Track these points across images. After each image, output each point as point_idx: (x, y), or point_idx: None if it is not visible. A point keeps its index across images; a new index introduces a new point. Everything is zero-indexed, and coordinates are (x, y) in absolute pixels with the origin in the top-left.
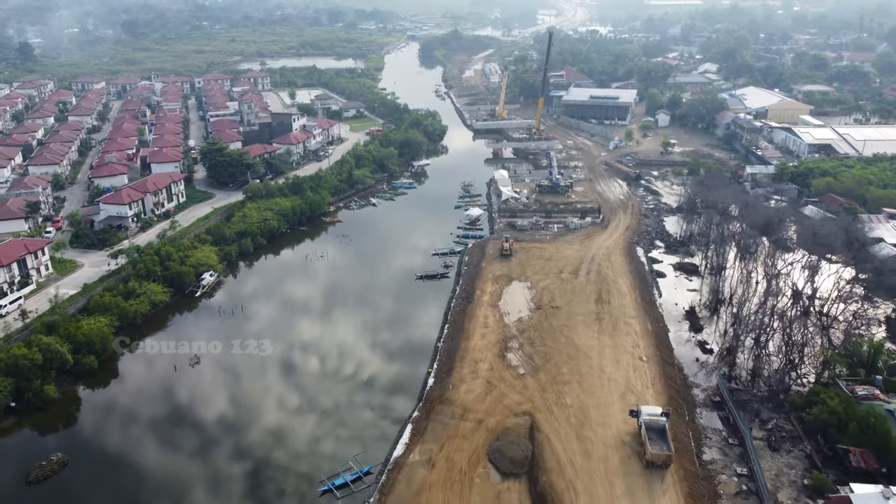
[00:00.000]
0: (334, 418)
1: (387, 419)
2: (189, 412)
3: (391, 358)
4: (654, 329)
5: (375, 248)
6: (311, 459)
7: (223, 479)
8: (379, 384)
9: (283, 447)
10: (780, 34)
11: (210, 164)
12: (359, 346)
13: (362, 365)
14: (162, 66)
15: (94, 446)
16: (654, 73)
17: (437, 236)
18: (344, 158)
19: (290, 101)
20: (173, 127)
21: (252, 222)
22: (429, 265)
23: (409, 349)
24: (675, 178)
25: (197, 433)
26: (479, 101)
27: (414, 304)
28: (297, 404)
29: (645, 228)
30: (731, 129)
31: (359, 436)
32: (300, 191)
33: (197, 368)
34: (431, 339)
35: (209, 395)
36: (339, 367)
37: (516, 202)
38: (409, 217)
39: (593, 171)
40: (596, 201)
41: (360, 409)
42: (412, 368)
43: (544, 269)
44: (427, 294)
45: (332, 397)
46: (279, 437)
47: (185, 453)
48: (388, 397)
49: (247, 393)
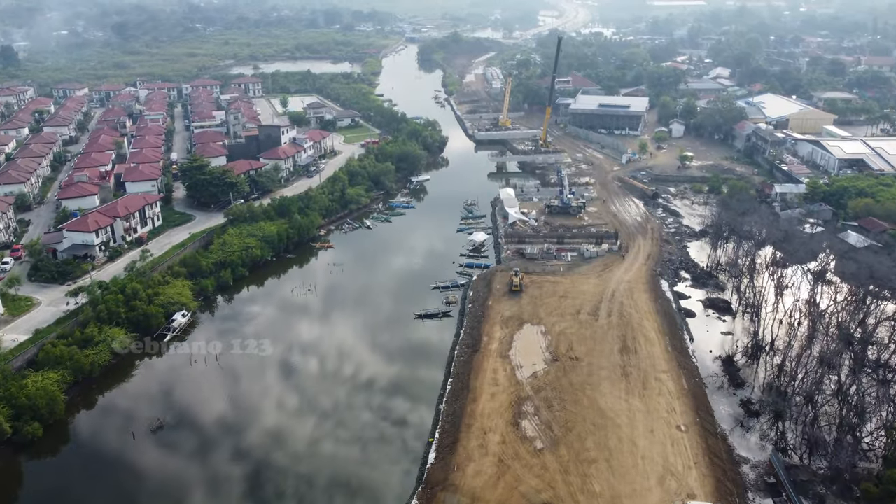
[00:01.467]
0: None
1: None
2: (148, 493)
3: (385, 417)
4: (689, 387)
5: (369, 278)
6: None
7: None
8: (371, 454)
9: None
10: (792, 36)
11: (190, 183)
12: (349, 405)
13: (352, 426)
14: (151, 70)
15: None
16: (665, 79)
17: (438, 264)
18: (336, 175)
19: (281, 108)
20: (154, 140)
21: (233, 251)
22: (429, 301)
23: (406, 409)
24: (696, 196)
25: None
26: (480, 108)
27: (412, 351)
28: (275, 479)
29: (668, 257)
30: (752, 141)
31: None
32: (287, 213)
33: (160, 435)
34: (432, 398)
35: (172, 471)
36: (326, 429)
37: (524, 225)
38: (407, 242)
39: (606, 188)
40: (612, 224)
41: (347, 494)
42: (410, 435)
43: (559, 308)
44: (427, 338)
45: (316, 466)
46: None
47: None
48: (380, 472)
49: (221, 470)
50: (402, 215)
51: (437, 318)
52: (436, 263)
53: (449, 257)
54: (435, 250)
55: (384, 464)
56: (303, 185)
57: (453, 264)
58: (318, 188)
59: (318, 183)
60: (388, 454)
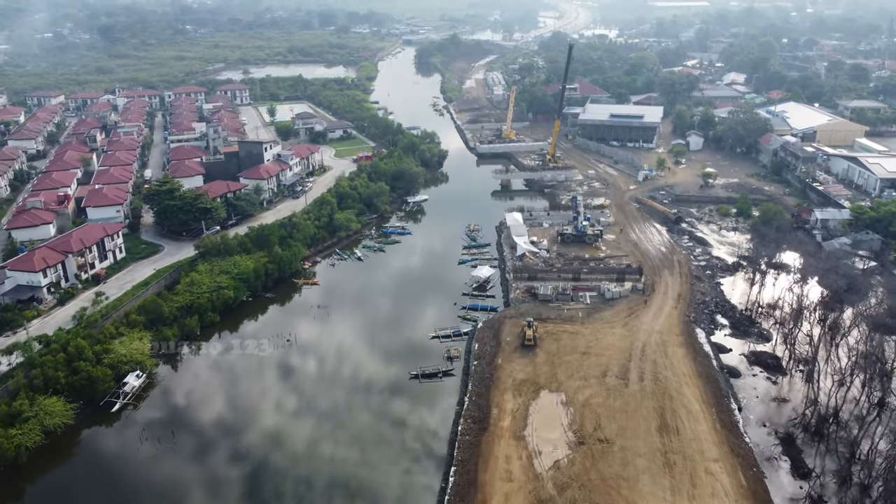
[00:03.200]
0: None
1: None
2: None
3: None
4: (748, 482)
5: (358, 324)
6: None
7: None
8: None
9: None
10: (805, 39)
11: (158, 209)
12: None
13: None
14: (136, 75)
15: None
16: (678, 86)
17: (438, 305)
18: (324, 198)
19: (269, 118)
20: (125, 156)
21: (202, 292)
22: (427, 353)
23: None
24: (723, 220)
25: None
26: (481, 117)
27: (406, 425)
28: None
29: (701, 298)
30: (780, 157)
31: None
32: (266, 244)
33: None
34: (430, 499)
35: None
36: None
37: (535, 258)
38: (402, 276)
39: (623, 210)
40: (632, 255)
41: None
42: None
43: (582, 369)
44: (425, 405)
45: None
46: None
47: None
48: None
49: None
50: (396, 243)
51: (438, 378)
52: (435, 304)
53: (450, 295)
54: (434, 287)
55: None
56: (287, 208)
57: (455, 306)
58: (302, 213)
59: (305, 206)
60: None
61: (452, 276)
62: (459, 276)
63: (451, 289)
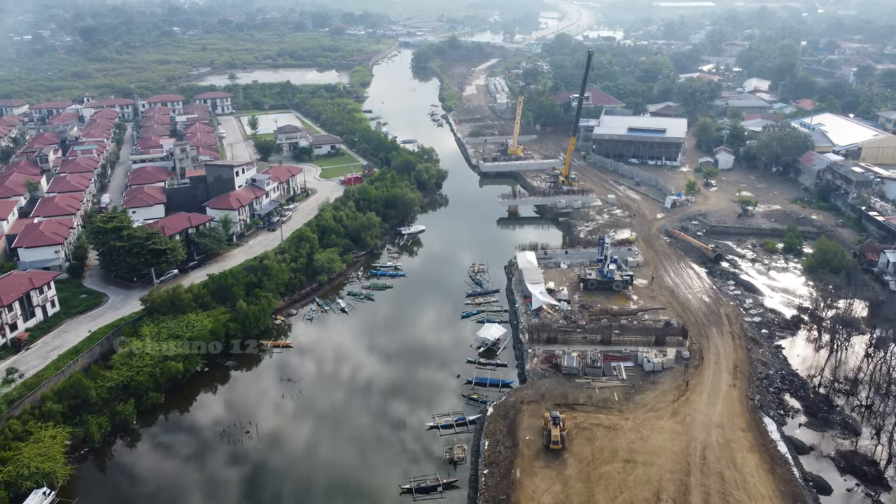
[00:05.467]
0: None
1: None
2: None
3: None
4: None
5: (336, 407)
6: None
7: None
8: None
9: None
10: (826, 41)
11: (103, 251)
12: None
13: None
14: (113, 81)
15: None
16: (699, 94)
17: (437, 377)
18: (303, 233)
19: (251, 130)
20: (78, 180)
21: (142, 365)
22: (423, 451)
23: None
24: (769, 257)
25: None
26: (484, 128)
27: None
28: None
29: (762, 370)
30: (827, 179)
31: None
32: (229, 297)
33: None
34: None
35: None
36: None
37: (554, 312)
38: (394, 334)
39: (652, 246)
40: (670, 307)
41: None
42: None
43: (626, 486)
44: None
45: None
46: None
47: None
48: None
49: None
50: (388, 289)
51: (437, 494)
52: (433, 374)
53: (451, 361)
54: (432, 350)
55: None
56: (261, 244)
57: (458, 378)
58: (276, 251)
59: (280, 242)
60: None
61: (454, 335)
62: (463, 333)
63: (453, 352)
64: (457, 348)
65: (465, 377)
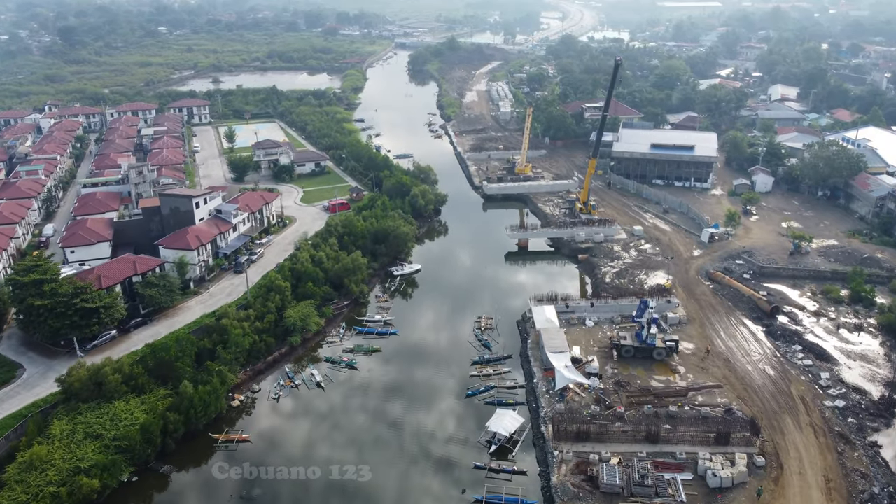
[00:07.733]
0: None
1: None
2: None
3: None
4: None
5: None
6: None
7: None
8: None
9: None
10: (849, 44)
11: (23, 309)
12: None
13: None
14: (87, 85)
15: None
16: (725, 104)
17: (435, 491)
18: (273, 282)
19: (227, 143)
20: (14, 210)
21: (43, 484)
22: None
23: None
24: (833, 308)
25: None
26: (487, 141)
27: None
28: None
29: (863, 486)
30: (889, 209)
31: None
32: (172, 375)
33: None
34: None
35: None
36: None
37: (583, 393)
38: (381, 422)
39: (693, 294)
40: (727, 382)
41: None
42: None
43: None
44: None
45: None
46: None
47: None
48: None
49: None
50: (376, 352)
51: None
52: (432, 484)
53: (455, 464)
54: (432, 446)
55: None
56: (223, 291)
57: (463, 495)
58: (239, 303)
59: (245, 292)
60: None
61: (457, 421)
62: (468, 419)
63: (459, 451)
64: (461, 442)
65: (473, 492)
